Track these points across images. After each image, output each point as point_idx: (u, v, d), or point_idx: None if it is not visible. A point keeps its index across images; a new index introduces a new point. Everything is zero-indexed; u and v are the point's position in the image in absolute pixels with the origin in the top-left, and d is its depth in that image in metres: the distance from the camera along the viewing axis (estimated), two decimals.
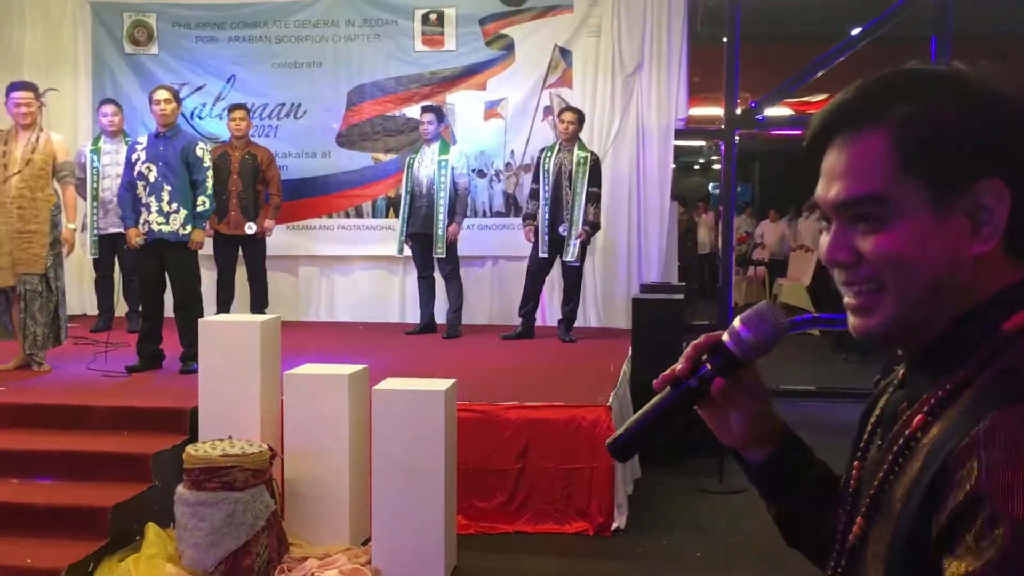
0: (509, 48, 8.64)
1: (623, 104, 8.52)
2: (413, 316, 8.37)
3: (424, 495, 4.62)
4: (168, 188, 6.27)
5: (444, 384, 4.79)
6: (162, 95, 6.39)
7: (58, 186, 6.44)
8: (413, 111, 8.57)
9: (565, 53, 8.58)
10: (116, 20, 8.99)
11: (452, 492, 4.81)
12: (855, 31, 8.62)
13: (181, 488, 4.61)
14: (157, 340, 6.41)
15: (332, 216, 8.91)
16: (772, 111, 9.79)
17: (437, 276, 8.01)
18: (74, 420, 5.39)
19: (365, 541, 4.89)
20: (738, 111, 8.57)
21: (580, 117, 7.72)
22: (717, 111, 9.05)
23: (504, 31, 8.64)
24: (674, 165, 8.76)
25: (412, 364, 6.39)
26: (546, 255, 7.63)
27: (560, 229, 7.54)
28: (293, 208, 8.59)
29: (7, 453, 5.09)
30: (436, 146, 7.83)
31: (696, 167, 23.75)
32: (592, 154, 7.66)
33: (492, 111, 8.69)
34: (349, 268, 9.01)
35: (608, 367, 6.46)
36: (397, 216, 8.18)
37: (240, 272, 8.02)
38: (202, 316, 5.97)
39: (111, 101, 8.05)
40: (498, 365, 6.78)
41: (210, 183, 6.43)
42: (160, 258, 6.34)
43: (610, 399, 5.56)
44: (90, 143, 8.04)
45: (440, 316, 8.05)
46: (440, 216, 7.70)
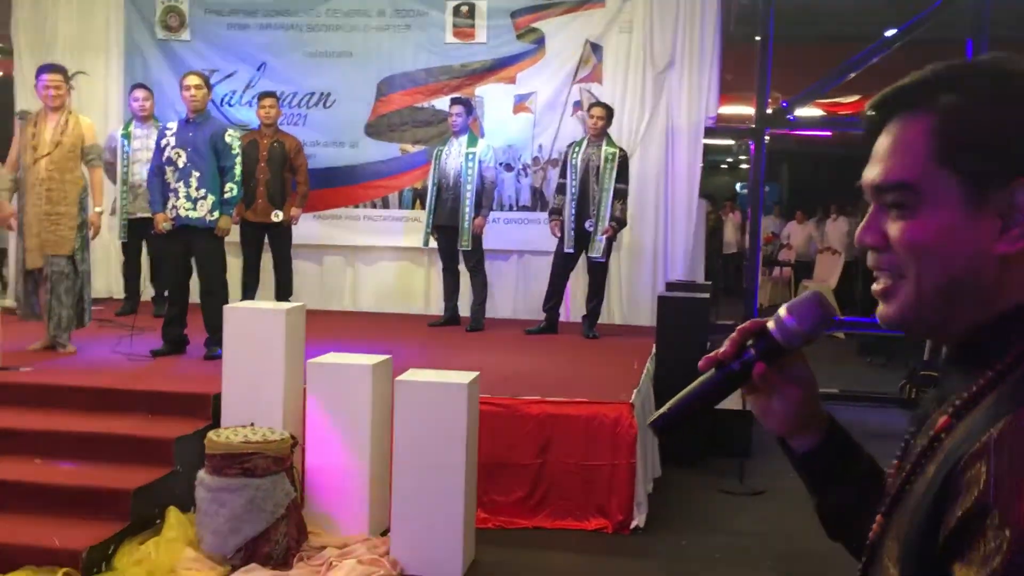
0: (540, 42, 8.62)
1: (653, 101, 8.48)
2: (437, 308, 8.37)
3: (444, 487, 4.61)
4: (196, 174, 6.28)
5: (467, 377, 4.78)
6: (193, 81, 6.41)
7: (86, 169, 6.47)
8: (442, 103, 8.55)
9: (596, 48, 8.55)
10: (149, 5, 9.03)
11: (472, 485, 4.80)
12: (889, 33, 8.52)
13: (202, 473, 4.63)
14: (182, 325, 6.44)
15: (358, 206, 8.92)
16: (803, 111, 9.70)
17: (462, 269, 8.00)
18: (98, 402, 5.42)
19: (384, 532, 4.89)
20: (769, 111, 8.50)
21: (609, 112, 7.69)
22: (747, 110, 8.98)
23: (535, 25, 8.62)
24: (702, 163, 8.71)
25: (435, 356, 6.39)
26: (571, 250, 7.60)
27: (586, 225, 7.51)
28: (320, 197, 8.60)
29: (31, 433, 5.13)
30: (464, 139, 7.82)
31: (724, 166, 23.63)
32: (620, 150, 7.62)
33: (521, 105, 8.67)
34: (374, 258, 9.01)
35: (631, 364, 6.43)
36: (423, 208, 8.18)
37: (266, 260, 8.04)
38: (227, 302, 5.98)
39: (142, 86, 8.09)
40: (521, 359, 6.76)
41: (238, 170, 6.45)
42: (187, 244, 6.36)
43: (633, 396, 5.53)
44: (121, 127, 8.08)
45: (464, 309, 8.05)
46: (466, 209, 7.69)
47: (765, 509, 5.85)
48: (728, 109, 10.06)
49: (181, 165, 6.29)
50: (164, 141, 6.39)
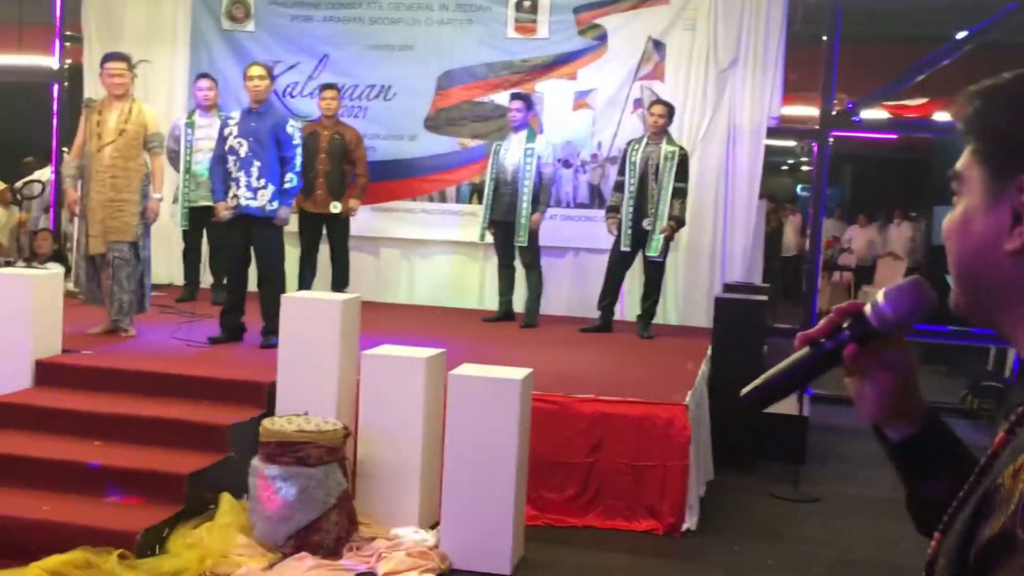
0: (602, 38, 8.56)
1: (715, 99, 8.38)
2: (491, 303, 8.36)
3: (495, 483, 4.60)
4: (257, 164, 6.33)
5: (520, 373, 4.76)
6: (256, 71, 6.46)
7: (147, 156, 6.54)
8: (502, 98, 8.53)
9: (658, 45, 8.46)
10: None
11: (523, 482, 4.78)
12: (960, 34, 8.32)
13: (256, 461, 4.66)
14: (240, 313, 6.50)
15: (416, 199, 8.94)
16: (869, 113, 9.52)
17: (517, 265, 7.98)
18: (156, 387, 5.50)
19: (433, 525, 4.89)
20: (834, 112, 8.36)
21: (670, 111, 7.61)
22: (811, 111, 8.83)
23: (597, 20, 8.55)
24: (763, 164, 8.58)
25: (488, 351, 6.37)
26: (628, 249, 7.54)
27: (644, 223, 7.45)
28: (378, 189, 8.63)
29: (92, 415, 5.22)
30: (523, 134, 7.79)
31: (784, 167, 23.32)
32: (681, 149, 7.54)
33: (581, 101, 8.62)
34: (430, 252, 9.03)
35: (686, 365, 6.36)
36: (480, 202, 8.17)
37: (323, 251, 8.09)
38: (284, 292, 6.03)
39: (207, 76, 8.18)
40: (574, 357, 6.73)
41: (298, 160, 6.49)
42: (246, 232, 6.42)
43: (687, 398, 5.47)
44: (185, 116, 8.18)
45: (518, 305, 8.02)
46: (523, 205, 7.66)
47: (820, 517, 5.76)
48: (791, 109, 9.91)
49: (243, 155, 6.35)
50: (226, 131, 6.45)
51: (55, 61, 9.47)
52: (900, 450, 1.27)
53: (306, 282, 7.83)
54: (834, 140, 8.52)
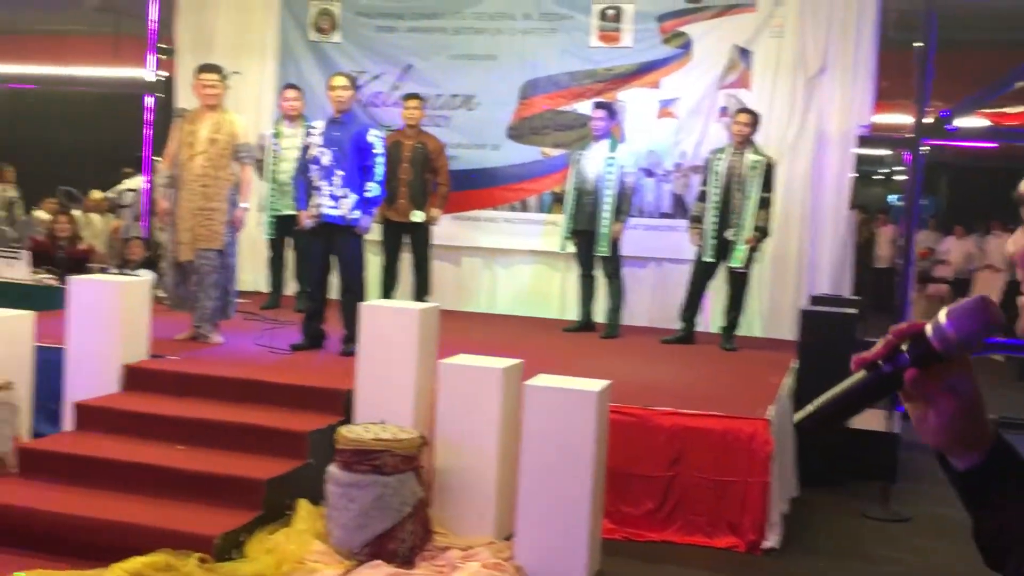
0: (686, 46, 8.45)
1: (803, 107, 8.19)
2: (571, 313, 8.30)
3: (571, 495, 4.54)
4: (340, 173, 6.39)
5: (598, 385, 4.70)
6: (339, 81, 6.53)
7: (236, 166, 6.65)
8: (584, 107, 8.48)
9: (744, 53, 8.32)
10: (303, 8, 9.28)
11: (600, 495, 4.71)
12: None
13: (333, 468, 4.68)
14: (321, 320, 6.56)
15: (498, 208, 8.93)
16: (964, 121, 9.21)
17: (598, 275, 7.91)
18: (238, 393, 5.57)
19: (509, 536, 4.85)
20: (928, 120, 8.10)
21: (755, 119, 7.47)
22: (905, 119, 8.58)
23: (682, 29, 8.45)
24: (855, 174, 8.36)
25: (567, 362, 6.31)
26: (711, 259, 7.41)
27: (727, 233, 7.31)
28: (460, 198, 8.65)
29: (176, 420, 5.31)
30: (605, 143, 7.73)
31: (875, 177, 22.77)
32: (767, 158, 7.39)
33: (665, 110, 8.52)
34: (511, 261, 9.01)
35: (769, 379, 6.21)
36: (562, 212, 8.12)
37: (405, 259, 8.14)
38: (365, 300, 6.06)
39: (293, 86, 8.31)
40: (655, 369, 6.63)
41: (380, 170, 6.52)
42: (328, 241, 6.48)
43: (770, 412, 5.33)
44: (272, 126, 8.32)
45: (599, 315, 7.95)
46: (605, 214, 7.60)
47: (910, 537, 5.56)
48: (884, 117, 9.65)
49: (325, 164, 6.41)
50: (310, 140, 6.53)
51: (149, 73, 9.73)
52: (965, 479, 1.18)
53: (388, 291, 7.88)
54: (929, 149, 8.25)
